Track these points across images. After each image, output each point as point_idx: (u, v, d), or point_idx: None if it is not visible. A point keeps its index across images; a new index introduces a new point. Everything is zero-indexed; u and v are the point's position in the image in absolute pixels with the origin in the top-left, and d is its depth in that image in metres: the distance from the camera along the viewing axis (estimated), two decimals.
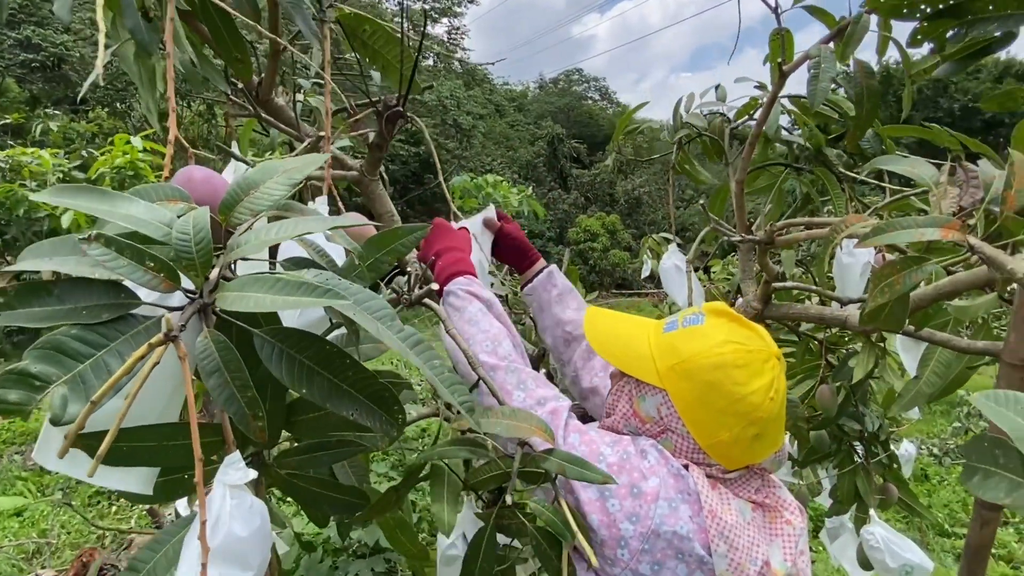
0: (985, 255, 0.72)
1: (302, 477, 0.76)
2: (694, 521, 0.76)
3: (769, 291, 1.38)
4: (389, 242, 0.76)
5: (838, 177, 1.65)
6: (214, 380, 0.53)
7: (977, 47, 0.82)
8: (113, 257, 0.50)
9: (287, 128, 1.25)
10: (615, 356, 0.91)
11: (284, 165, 0.64)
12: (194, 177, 0.68)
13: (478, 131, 26.30)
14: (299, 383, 0.59)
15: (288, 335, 0.58)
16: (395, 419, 0.65)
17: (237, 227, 0.60)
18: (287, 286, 0.52)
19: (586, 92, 44.52)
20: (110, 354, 0.52)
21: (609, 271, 24.38)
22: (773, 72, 1.26)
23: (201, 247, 0.53)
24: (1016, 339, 1.00)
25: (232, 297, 0.52)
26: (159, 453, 0.61)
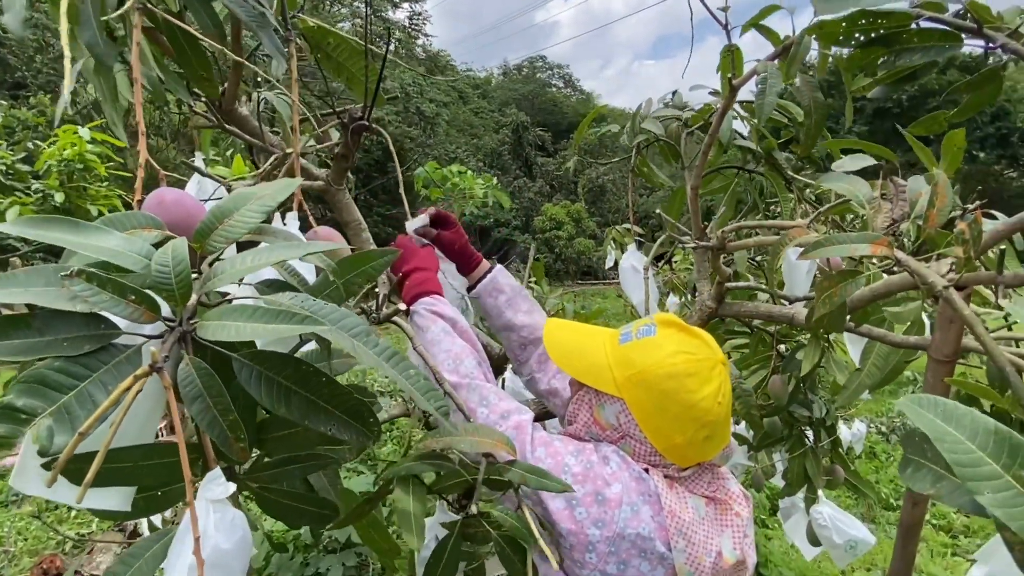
0: (909, 268, 0.79)
1: (273, 490, 0.78)
2: (655, 520, 0.82)
3: (722, 291, 1.46)
4: (362, 264, 0.79)
5: (786, 179, 1.74)
6: (197, 406, 0.56)
7: (904, 73, 0.89)
8: (95, 292, 0.52)
9: (252, 139, 1.25)
10: (575, 369, 0.95)
11: (257, 192, 0.67)
12: (165, 200, 0.70)
13: (442, 119, 26.02)
14: (278, 403, 0.62)
15: (266, 358, 0.61)
16: (371, 431, 0.68)
17: (212, 254, 0.63)
18: (266, 314, 0.54)
19: (550, 79, 44.47)
20: (94, 385, 0.54)
21: (575, 259, 24.60)
22: (723, 85, 1.32)
23: (180, 278, 0.55)
24: (940, 338, 1.09)
25: (213, 326, 0.54)
26: (138, 473, 0.63)
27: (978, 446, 0.54)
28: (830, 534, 2.13)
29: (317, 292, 0.81)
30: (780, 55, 1.13)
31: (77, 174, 5.41)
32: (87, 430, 0.51)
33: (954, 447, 0.54)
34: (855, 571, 3.55)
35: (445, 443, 0.79)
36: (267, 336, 0.52)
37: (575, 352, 0.96)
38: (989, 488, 0.52)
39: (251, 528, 0.76)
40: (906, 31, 0.82)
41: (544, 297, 2.59)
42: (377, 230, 23.33)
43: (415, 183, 6.74)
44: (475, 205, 7.60)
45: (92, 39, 0.95)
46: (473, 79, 37.72)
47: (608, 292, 16.78)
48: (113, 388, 0.55)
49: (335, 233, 0.96)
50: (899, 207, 0.97)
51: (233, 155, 2.45)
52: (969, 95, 0.87)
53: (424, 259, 1.12)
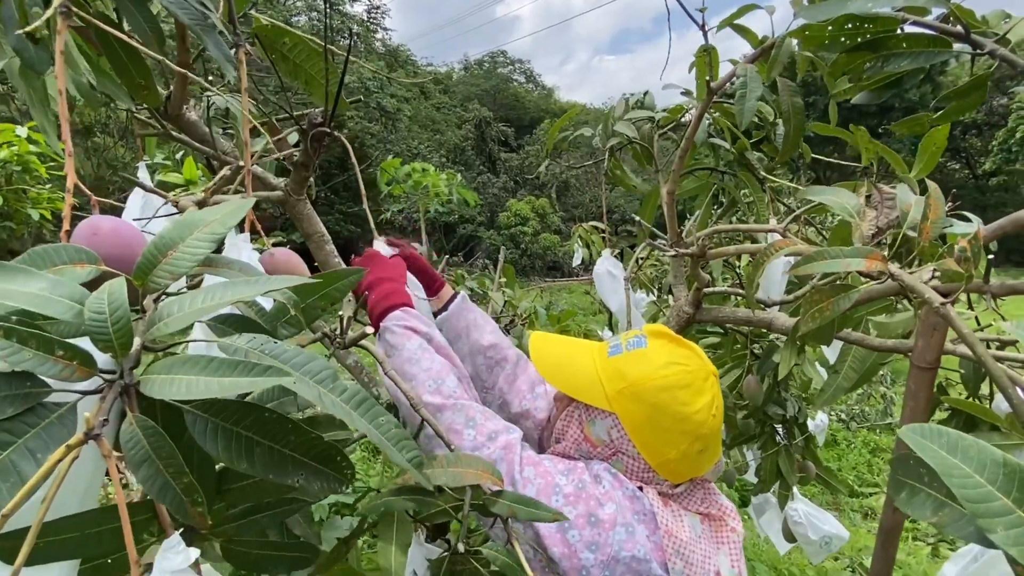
0: (904, 283, 0.76)
1: (241, 542, 0.71)
2: (651, 540, 0.78)
3: (700, 296, 1.43)
4: (324, 286, 0.72)
5: (759, 180, 1.73)
6: (145, 470, 0.48)
7: (891, 79, 0.87)
8: (15, 350, 0.44)
9: (201, 146, 1.16)
10: (565, 383, 0.91)
11: (205, 218, 0.59)
12: (101, 228, 0.62)
13: (404, 114, 25.68)
14: (238, 458, 0.55)
15: (222, 407, 0.54)
16: (343, 475, 0.62)
17: (155, 292, 0.55)
18: (222, 366, 0.48)
19: (511, 74, 44.39)
20: (18, 453, 0.46)
21: (540, 255, 24.65)
22: (700, 87, 1.29)
23: (119, 325, 0.48)
24: (923, 345, 1.08)
25: (159, 381, 0.47)
26: (82, 544, 0.55)
27: (987, 479, 0.51)
28: (805, 531, 2.15)
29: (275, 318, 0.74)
30: (759, 56, 1.10)
31: (16, 176, 5.10)
32: (11, 511, 0.43)
33: (963, 482, 0.52)
34: (824, 561, 3.62)
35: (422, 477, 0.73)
36: (224, 393, 0.45)
37: (563, 366, 0.93)
38: (1001, 525, 0.49)
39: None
40: (894, 36, 0.80)
41: (516, 300, 2.55)
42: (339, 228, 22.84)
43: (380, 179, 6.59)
44: (440, 203, 7.47)
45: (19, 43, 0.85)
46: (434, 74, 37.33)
47: (574, 288, 16.86)
48: (43, 455, 0.47)
49: (293, 256, 0.89)
50: (884, 215, 0.95)
51: (184, 157, 2.31)
52: (956, 102, 0.85)
53: (391, 268, 1.04)
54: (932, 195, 0.80)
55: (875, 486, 4.54)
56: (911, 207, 0.86)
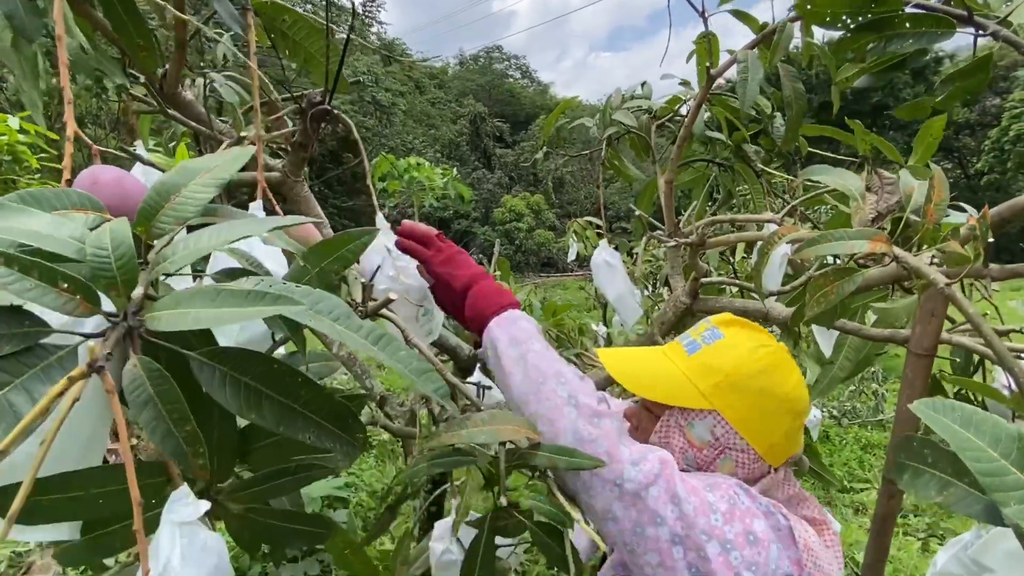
0: (909, 265, 0.77)
1: (261, 511, 0.70)
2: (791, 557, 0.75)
3: (697, 287, 1.43)
4: (336, 249, 0.71)
5: (756, 172, 1.73)
6: (147, 414, 0.47)
7: (894, 60, 0.87)
8: (17, 278, 0.43)
9: (197, 125, 1.14)
10: (655, 392, 0.86)
11: (207, 164, 0.58)
12: (101, 179, 0.61)
13: (398, 108, 25.58)
14: (247, 408, 0.53)
15: (229, 355, 0.53)
16: (355, 439, 0.61)
17: (159, 238, 0.54)
18: (231, 296, 0.46)
19: (507, 70, 44.31)
20: (16, 392, 0.45)
21: (535, 251, 24.67)
22: (700, 74, 1.28)
23: (123, 263, 0.47)
24: (920, 331, 1.09)
25: (166, 316, 0.46)
26: (89, 504, 0.54)
27: (1001, 454, 0.51)
28: None
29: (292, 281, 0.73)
30: (761, 42, 1.10)
31: (6, 166, 5.04)
32: (7, 447, 0.42)
33: (977, 455, 0.52)
34: None
35: (460, 438, 0.72)
36: (235, 320, 0.44)
37: (644, 375, 0.88)
38: (1015, 499, 0.49)
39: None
40: (898, 16, 0.80)
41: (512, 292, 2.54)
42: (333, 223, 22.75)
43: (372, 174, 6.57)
44: (434, 197, 7.46)
45: (11, 7, 0.83)
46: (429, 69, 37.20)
47: (568, 284, 16.87)
48: (41, 396, 0.46)
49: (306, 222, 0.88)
50: (884, 200, 0.95)
51: (176, 146, 2.29)
52: (960, 83, 0.85)
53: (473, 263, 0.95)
54: (936, 177, 0.80)
55: (866, 482, 4.57)
56: (914, 190, 0.86)
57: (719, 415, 0.82)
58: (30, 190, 0.57)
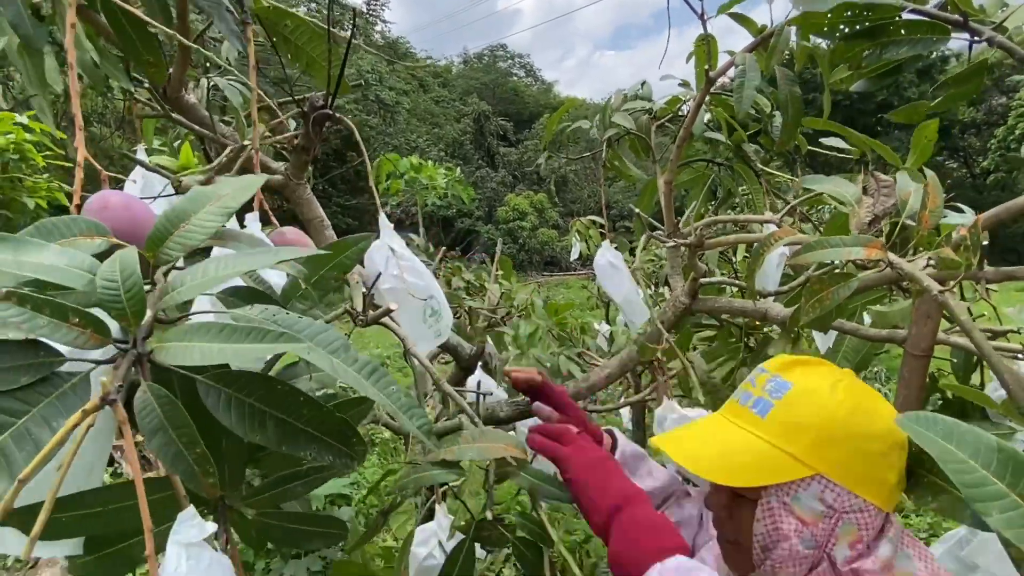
0: (904, 271, 0.78)
1: (275, 515, 0.72)
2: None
3: (696, 287, 1.44)
4: (333, 257, 0.73)
5: (756, 172, 1.74)
6: (158, 439, 0.49)
7: (890, 66, 0.88)
8: (30, 317, 0.45)
9: (201, 128, 1.16)
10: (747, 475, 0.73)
11: (217, 192, 0.60)
12: (110, 203, 0.62)
13: (402, 107, 25.60)
14: (251, 430, 0.55)
15: (234, 378, 0.55)
16: (355, 453, 0.63)
17: (166, 264, 0.56)
18: (236, 332, 0.48)
19: (511, 68, 44.28)
20: (34, 421, 0.47)
21: (538, 249, 24.69)
22: (699, 76, 1.29)
23: (131, 294, 0.49)
24: (917, 332, 1.10)
25: (174, 349, 0.48)
26: (102, 520, 0.56)
27: (981, 464, 0.52)
28: None
29: (288, 297, 0.75)
30: (758, 45, 1.11)
31: (13, 165, 5.07)
32: (28, 476, 0.44)
33: (959, 467, 0.53)
34: None
35: (452, 453, 0.75)
36: (239, 358, 0.46)
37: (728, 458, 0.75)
38: (996, 508, 0.51)
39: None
40: (892, 23, 0.81)
41: (513, 292, 2.56)
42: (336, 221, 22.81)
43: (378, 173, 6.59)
44: (437, 196, 7.48)
45: (17, 18, 0.85)
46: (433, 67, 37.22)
47: (571, 283, 16.86)
48: (57, 424, 0.48)
49: (302, 234, 0.89)
50: (880, 203, 0.96)
51: (180, 146, 2.31)
52: (954, 88, 0.86)
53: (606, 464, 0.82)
54: (930, 183, 0.81)
55: None
56: (910, 195, 0.87)
57: (824, 478, 0.71)
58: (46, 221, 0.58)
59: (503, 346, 2.44)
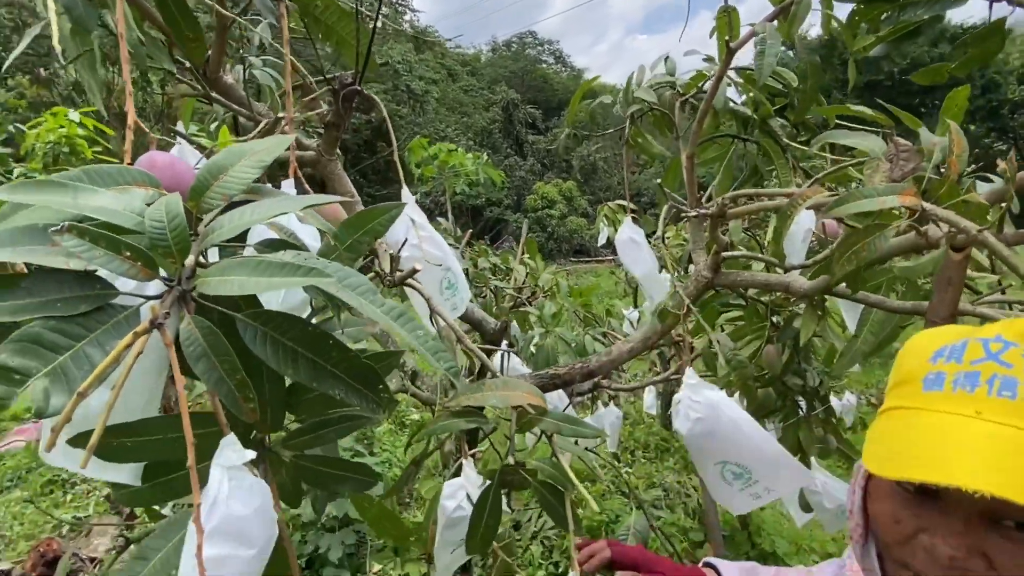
0: (938, 216, 0.78)
1: (309, 458, 0.78)
2: None
3: (719, 260, 1.45)
4: (366, 222, 0.77)
5: (782, 147, 1.73)
6: (202, 365, 0.54)
7: (908, 29, 0.88)
8: (88, 247, 0.50)
9: (237, 107, 1.22)
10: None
11: (252, 148, 0.65)
12: (157, 163, 0.68)
13: (431, 96, 25.69)
14: (284, 365, 0.60)
15: (270, 318, 0.60)
16: (380, 399, 0.67)
17: (208, 212, 0.61)
18: (270, 267, 0.53)
19: (540, 55, 43.94)
20: (91, 345, 0.52)
21: (567, 238, 24.58)
22: (720, 49, 1.30)
23: (177, 233, 0.54)
24: (938, 299, 1.09)
25: (214, 282, 0.53)
26: (153, 448, 0.62)
27: None
28: (821, 499, 2.16)
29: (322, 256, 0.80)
30: (779, 15, 1.11)
31: (63, 157, 5.31)
32: (86, 390, 0.49)
33: None
34: (846, 537, 3.62)
35: (476, 400, 0.79)
36: (272, 288, 0.51)
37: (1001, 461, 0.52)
38: None
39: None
40: None
41: (537, 272, 2.59)
42: None
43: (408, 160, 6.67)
44: (466, 183, 7.53)
45: (71, 1, 0.91)
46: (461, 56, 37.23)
47: (600, 270, 16.78)
48: (111, 348, 0.53)
49: (334, 198, 0.94)
50: (899, 167, 0.96)
51: (218, 128, 2.40)
52: (973, 49, 0.85)
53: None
54: (953, 132, 0.82)
55: None
56: (935, 146, 0.87)
57: None
58: (95, 167, 0.64)
59: (528, 326, 2.48)
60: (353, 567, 3.33)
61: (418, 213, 1.12)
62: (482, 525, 0.83)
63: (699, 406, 1.06)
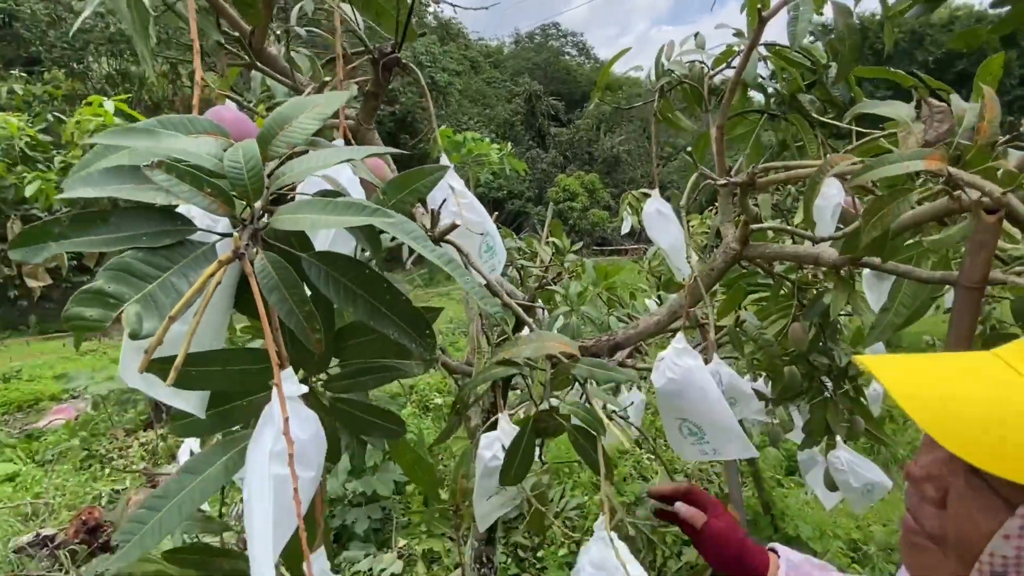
0: (963, 180, 0.80)
1: (347, 402, 0.83)
2: None
3: (747, 232, 1.47)
4: (411, 183, 0.81)
5: (811, 123, 1.73)
6: (275, 296, 0.59)
7: None
8: (175, 183, 0.55)
9: (282, 77, 1.27)
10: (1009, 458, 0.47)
11: (313, 101, 0.69)
12: (225, 117, 0.73)
13: (454, 88, 25.74)
14: (345, 303, 0.65)
15: (332, 259, 0.64)
16: (427, 342, 0.71)
17: (273, 160, 0.66)
18: (338, 207, 0.58)
19: (563, 47, 43.66)
20: (176, 275, 0.57)
21: (589, 230, 24.50)
22: (751, 20, 1.31)
23: (253, 175, 0.59)
24: (970, 263, 1.10)
25: (288, 219, 0.57)
26: (222, 377, 0.67)
27: None
28: (847, 478, 2.17)
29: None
30: None
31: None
32: (176, 313, 0.54)
33: None
34: (871, 525, 3.60)
35: (514, 353, 0.83)
36: (339, 225, 0.55)
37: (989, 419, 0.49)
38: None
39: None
40: None
41: (564, 251, 2.62)
42: None
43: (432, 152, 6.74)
44: (489, 171, 7.57)
45: None
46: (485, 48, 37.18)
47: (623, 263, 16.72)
48: (194, 278, 0.58)
49: (380, 161, 0.99)
50: (933, 129, 0.97)
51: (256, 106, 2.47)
52: (1013, 6, 0.86)
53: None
54: (987, 97, 0.83)
55: None
56: (966, 112, 0.88)
57: None
58: (167, 117, 0.69)
59: (553, 304, 2.51)
60: (379, 542, 3.42)
61: (457, 180, 1.16)
62: (515, 464, 0.88)
63: (676, 368, 1.15)
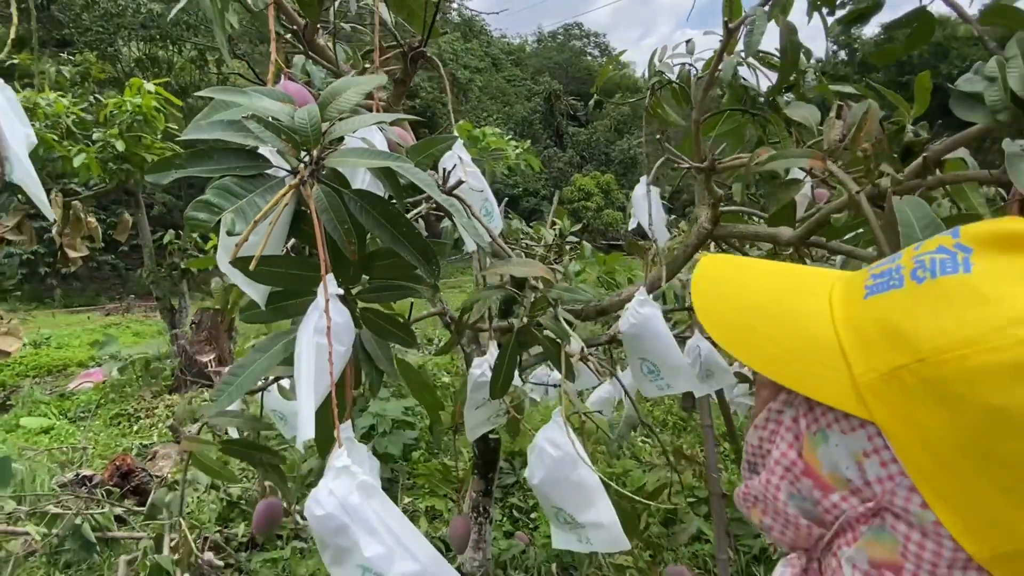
0: (838, 178, 1.03)
1: (373, 312, 1.07)
2: None
3: (718, 213, 1.70)
4: (428, 148, 1.05)
5: (786, 122, 1.95)
6: (325, 216, 0.83)
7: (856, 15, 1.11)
8: (263, 131, 0.80)
9: (329, 65, 1.53)
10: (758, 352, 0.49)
11: (357, 80, 0.94)
12: (289, 88, 0.98)
13: (475, 85, 25.98)
14: (374, 229, 0.89)
15: (366, 195, 0.89)
16: (432, 269, 0.96)
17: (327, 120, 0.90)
18: (374, 154, 0.82)
19: (585, 47, 43.70)
20: (258, 196, 0.82)
21: (602, 231, 24.64)
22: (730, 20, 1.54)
23: (315, 129, 0.83)
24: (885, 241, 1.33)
25: (337, 160, 0.82)
26: (283, 277, 0.92)
27: None
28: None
29: None
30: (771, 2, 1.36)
31: (136, 126, 5.83)
32: (261, 218, 0.79)
33: None
34: None
35: (503, 270, 1.07)
36: (375, 166, 0.80)
37: (760, 316, 0.51)
38: None
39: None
40: None
41: (565, 233, 2.85)
42: None
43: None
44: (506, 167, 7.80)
45: None
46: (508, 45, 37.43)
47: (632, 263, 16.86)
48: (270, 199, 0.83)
49: (405, 133, 1.23)
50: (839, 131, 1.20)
51: None
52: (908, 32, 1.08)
53: None
54: (870, 111, 1.05)
55: None
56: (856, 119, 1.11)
57: (882, 437, 0.43)
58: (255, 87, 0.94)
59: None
60: None
61: (464, 152, 1.41)
62: (501, 376, 1.12)
63: (638, 315, 1.38)
